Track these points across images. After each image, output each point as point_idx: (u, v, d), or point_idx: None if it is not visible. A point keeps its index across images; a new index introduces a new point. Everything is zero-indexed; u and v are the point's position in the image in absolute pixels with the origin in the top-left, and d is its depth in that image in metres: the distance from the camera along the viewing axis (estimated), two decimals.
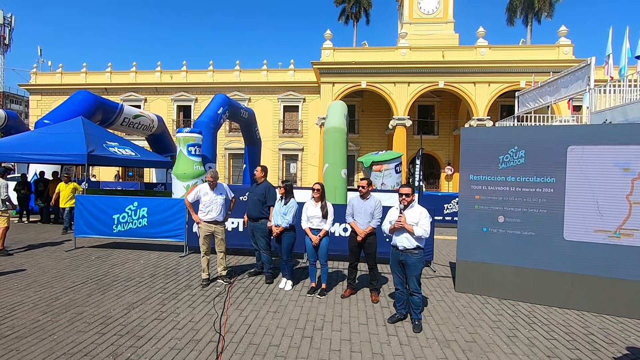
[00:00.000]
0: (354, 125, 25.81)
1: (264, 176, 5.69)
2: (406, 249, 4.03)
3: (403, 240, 4.05)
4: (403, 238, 4.05)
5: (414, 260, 4.02)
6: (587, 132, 4.70)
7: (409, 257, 4.03)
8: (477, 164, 5.15)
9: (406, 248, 4.03)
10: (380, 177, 14.54)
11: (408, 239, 4.03)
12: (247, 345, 3.48)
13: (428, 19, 23.58)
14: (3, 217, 6.89)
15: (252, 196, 5.62)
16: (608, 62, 10.73)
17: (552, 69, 17.88)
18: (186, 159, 9.84)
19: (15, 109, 46.52)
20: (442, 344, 3.64)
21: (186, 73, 27.10)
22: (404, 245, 4.04)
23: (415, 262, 4.02)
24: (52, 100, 26.49)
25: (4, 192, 6.90)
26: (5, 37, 37.22)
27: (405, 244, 4.04)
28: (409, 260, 4.03)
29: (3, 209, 6.92)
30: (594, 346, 3.69)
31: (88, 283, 5.22)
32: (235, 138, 25.16)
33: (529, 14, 28.65)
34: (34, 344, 3.39)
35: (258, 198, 5.52)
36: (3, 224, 6.86)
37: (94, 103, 11.72)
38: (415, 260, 4.02)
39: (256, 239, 5.63)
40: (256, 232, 5.59)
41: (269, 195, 5.51)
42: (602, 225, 4.51)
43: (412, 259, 4.02)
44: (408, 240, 4.03)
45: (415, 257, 4.03)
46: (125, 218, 7.21)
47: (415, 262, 4.02)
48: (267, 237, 5.55)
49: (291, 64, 26.56)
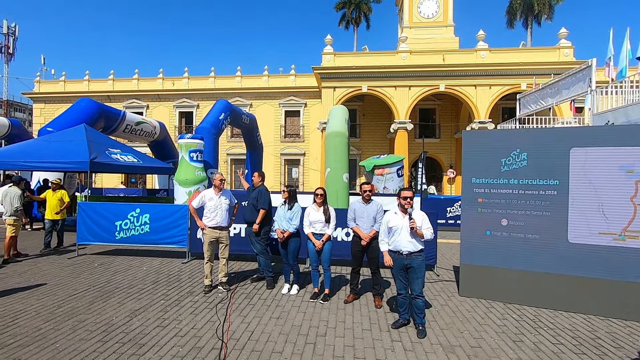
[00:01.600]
0: (356, 129, 25.83)
1: (262, 181, 5.73)
2: (411, 253, 4.02)
3: (408, 245, 4.02)
4: (407, 242, 4.02)
5: (418, 262, 4.02)
6: (590, 134, 4.67)
7: (414, 261, 4.01)
8: (479, 167, 5.12)
9: (411, 252, 4.01)
10: (382, 181, 14.53)
11: (413, 242, 4.01)
12: (250, 352, 3.45)
13: (428, 23, 23.66)
14: (13, 226, 7.03)
15: (248, 201, 5.71)
16: (609, 64, 10.72)
17: (553, 71, 17.85)
18: (188, 164, 9.86)
19: (19, 117, 46.89)
20: (447, 350, 3.60)
21: (188, 80, 27.26)
22: (409, 249, 4.01)
23: (420, 264, 4.03)
24: (56, 108, 26.67)
25: (16, 202, 7.02)
26: (10, 47, 37.58)
27: (410, 249, 4.01)
28: (415, 264, 4.01)
29: (16, 217, 7.05)
30: (602, 350, 3.64)
31: (90, 290, 5.21)
32: (237, 143, 25.21)
33: (529, 16, 28.73)
34: (36, 352, 3.37)
35: (252, 202, 5.59)
36: (10, 232, 6.99)
37: (97, 110, 11.79)
38: (420, 262, 4.04)
39: (253, 243, 5.65)
40: (252, 236, 5.60)
41: (260, 199, 5.53)
42: (606, 228, 4.47)
43: (417, 262, 4.01)
44: (413, 245, 4.01)
45: (420, 260, 4.04)
46: (127, 225, 7.21)
47: (420, 265, 4.03)
48: (262, 241, 5.56)
49: (292, 69, 26.66)
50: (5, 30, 36.97)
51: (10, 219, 7.04)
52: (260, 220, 5.46)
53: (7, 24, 37.14)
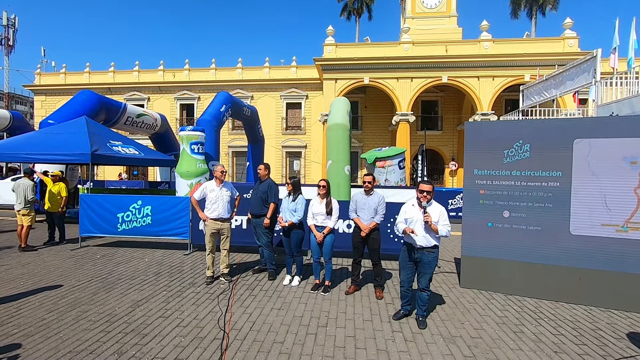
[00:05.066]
0: (357, 121, 25.70)
1: (268, 173, 5.70)
2: (423, 247, 3.90)
3: (421, 240, 3.89)
4: (421, 237, 3.89)
5: (430, 259, 3.91)
6: (593, 125, 4.62)
7: (425, 256, 3.91)
8: (481, 159, 5.09)
9: (423, 247, 3.90)
10: (384, 173, 14.50)
11: (426, 237, 3.88)
12: (252, 342, 3.48)
13: (431, 13, 23.37)
14: (29, 216, 7.27)
15: (255, 193, 5.65)
16: (614, 54, 10.57)
17: (557, 62, 17.63)
18: (189, 157, 9.86)
19: (20, 109, 46.87)
20: (448, 340, 3.61)
21: (189, 71, 27.10)
22: (421, 244, 3.89)
23: (431, 260, 3.92)
24: (57, 101, 26.63)
25: (30, 194, 7.18)
26: (10, 39, 37.37)
27: (422, 243, 3.89)
28: (425, 259, 3.91)
29: (29, 208, 7.30)
30: (602, 341, 3.65)
31: (93, 281, 5.25)
32: (239, 136, 25.15)
33: (534, 6, 28.33)
34: (40, 342, 3.41)
35: (261, 195, 5.54)
36: (27, 222, 7.23)
37: (98, 103, 11.75)
38: (432, 259, 3.92)
39: (258, 236, 5.65)
40: (258, 228, 5.60)
41: (271, 193, 5.51)
42: (609, 219, 4.45)
43: (428, 258, 3.91)
44: (426, 239, 3.89)
45: (432, 256, 3.92)
46: (129, 217, 7.24)
47: (430, 261, 3.92)
48: (269, 234, 5.55)
49: (293, 60, 26.45)
50: (5, 22, 36.74)
51: (25, 209, 7.24)
52: (271, 215, 5.44)
53: (6, 16, 36.89)
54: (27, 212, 7.25)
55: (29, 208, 7.29)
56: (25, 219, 7.21)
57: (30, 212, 7.31)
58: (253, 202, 5.64)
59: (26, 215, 7.23)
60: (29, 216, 7.27)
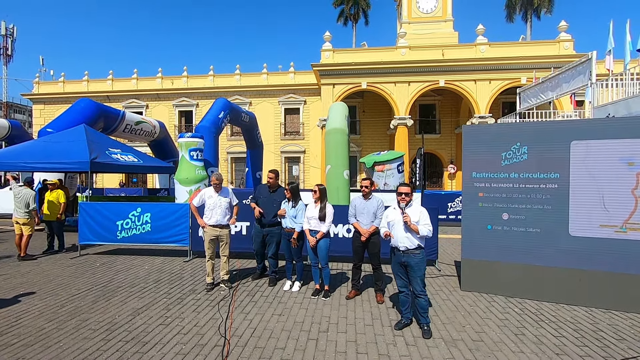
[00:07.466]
0: (356, 126, 25.79)
1: (277, 180, 5.64)
2: (408, 249, 3.93)
3: (404, 241, 3.94)
4: (404, 238, 3.94)
5: (416, 260, 3.92)
6: (590, 127, 4.65)
7: (411, 258, 3.93)
8: (479, 162, 5.11)
9: (408, 249, 3.93)
10: (383, 177, 14.53)
11: (409, 238, 3.93)
12: (253, 349, 3.46)
13: (427, 18, 23.57)
14: (29, 225, 7.29)
15: (269, 202, 5.46)
16: (609, 56, 10.66)
17: (553, 65, 17.74)
18: (188, 163, 9.86)
19: (18, 118, 46.89)
20: (449, 344, 3.61)
21: (187, 78, 27.22)
22: (406, 245, 3.93)
23: (418, 262, 3.92)
24: (55, 109, 26.66)
25: (32, 203, 7.24)
26: (8, 48, 37.49)
27: (406, 244, 3.93)
28: (412, 262, 3.92)
29: (29, 217, 7.31)
30: (604, 343, 3.65)
31: (93, 290, 5.23)
32: (237, 142, 25.20)
33: (528, 10, 28.62)
34: (40, 351, 3.39)
35: (274, 204, 5.38)
36: (28, 231, 7.24)
37: (96, 111, 11.76)
38: (418, 261, 3.93)
39: (268, 244, 5.56)
40: (272, 237, 5.50)
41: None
42: (608, 220, 4.47)
43: (414, 260, 3.92)
44: (409, 240, 3.93)
45: (418, 258, 3.93)
46: (129, 224, 7.23)
47: (418, 263, 3.92)
48: (279, 244, 5.49)
49: (291, 66, 26.62)
50: (3, 32, 36.87)
51: (25, 218, 7.25)
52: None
53: (5, 25, 37.03)
54: (27, 222, 7.25)
55: (29, 217, 7.29)
56: (25, 229, 7.21)
57: (31, 221, 7.31)
58: (268, 211, 5.43)
59: (27, 224, 7.24)
60: (30, 225, 7.27)
